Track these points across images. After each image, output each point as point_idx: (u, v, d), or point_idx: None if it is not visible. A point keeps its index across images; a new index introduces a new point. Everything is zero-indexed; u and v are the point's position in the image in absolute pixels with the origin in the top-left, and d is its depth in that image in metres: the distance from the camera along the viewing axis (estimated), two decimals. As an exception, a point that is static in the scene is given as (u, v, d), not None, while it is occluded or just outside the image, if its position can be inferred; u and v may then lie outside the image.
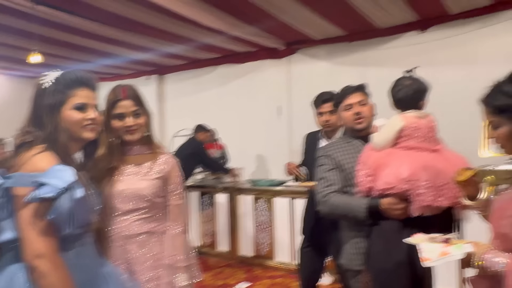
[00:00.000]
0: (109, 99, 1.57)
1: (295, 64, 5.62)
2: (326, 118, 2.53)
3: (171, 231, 1.57)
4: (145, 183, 1.53)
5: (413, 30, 4.61)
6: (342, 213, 1.77)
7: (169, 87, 7.19)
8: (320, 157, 1.95)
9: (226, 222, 4.58)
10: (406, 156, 1.65)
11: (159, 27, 4.66)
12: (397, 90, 1.75)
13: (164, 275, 1.51)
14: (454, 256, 1.15)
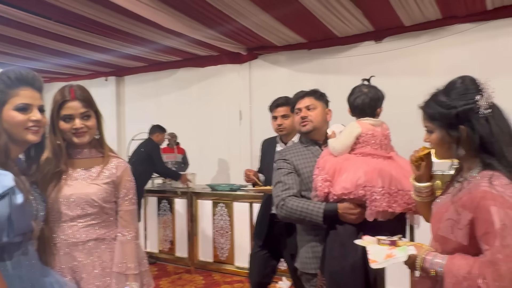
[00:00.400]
0: (56, 99, 1.48)
1: (256, 70, 5.66)
2: (279, 122, 2.54)
3: (121, 237, 1.51)
4: (94, 188, 1.47)
5: (369, 40, 4.79)
6: (299, 217, 1.78)
7: (128, 90, 7.01)
8: (277, 161, 1.97)
9: (185, 228, 4.51)
10: (362, 162, 1.70)
11: (118, 27, 4.54)
12: (355, 97, 1.80)
13: (114, 283, 1.45)
14: (398, 258, 1.19)
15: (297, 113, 1.97)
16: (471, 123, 1.14)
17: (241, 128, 5.72)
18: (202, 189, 4.60)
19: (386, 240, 1.34)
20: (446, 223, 1.16)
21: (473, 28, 4.25)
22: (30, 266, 1.23)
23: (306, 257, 1.87)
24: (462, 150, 1.16)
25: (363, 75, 1.91)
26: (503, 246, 1.02)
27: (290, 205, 1.79)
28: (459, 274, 1.07)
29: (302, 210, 1.75)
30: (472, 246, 1.11)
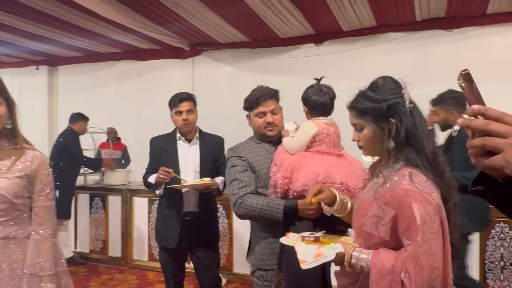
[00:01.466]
0: None
1: (199, 66, 5.59)
2: (185, 117, 2.47)
3: (35, 236, 1.41)
4: (4, 182, 1.35)
5: (310, 43, 4.92)
6: (259, 215, 1.77)
7: (61, 80, 6.59)
8: (231, 158, 1.93)
9: (119, 226, 4.34)
10: (319, 159, 1.75)
11: (52, 14, 4.24)
12: (318, 97, 1.83)
13: (25, 285, 1.34)
14: (327, 257, 1.20)
15: (260, 117, 1.92)
16: (399, 116, 1.20)
17: (182, 125, 5.62)
18: (138, 185, 4.45)
19: (310, 237, 1.37)
20: (370, 220, 1.20)
21: (404, 37, 4.54)
22: None
23: (262, 253, 1.87)
24: (392, 143, 1.21)
25: (304, 76, 1.96)
26: (424, 241, 1.08)
27: (249, 202, 1.78)
28: (384, 269, 1.11)
29: (262, 207, 1.76)
30: (393, 241, 1.17)
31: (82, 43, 5.46)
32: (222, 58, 5.46)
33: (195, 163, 2.52)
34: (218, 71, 5.46)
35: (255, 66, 5.23)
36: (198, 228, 2.47)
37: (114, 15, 4.21)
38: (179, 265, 2.59)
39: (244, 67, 5.31)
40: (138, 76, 5.97)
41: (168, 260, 2.56)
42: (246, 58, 5.30)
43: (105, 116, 5.84)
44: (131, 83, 6.02)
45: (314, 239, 1.36)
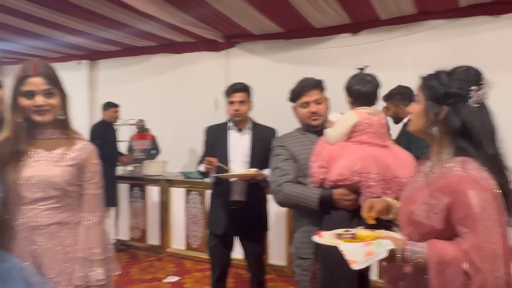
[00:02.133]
0: (17, 75, 1.41)
1: (233, 58, 5.61)
2: (237, 107, 2.52)
3: (86, 222, 1.47)
4: (57, 170, 1.41)
5: (346, 32, 4.82)
6: (295, 202, 1.82)
7: (101, 74, 6.82)
8: (275, 148, 2.00)
9: (157, 215, 4.47)
10: (358, 149, 1.73)
11: (92, 9, 4.38)
12: (361, 86, 1.81)
13: (78, 268, 1.41)
14: (380, 255, 1.15)
15: (304, 107, 1.96)
16: (455, 108, 1.16)
17: (216, 116, 5.67)
18: (175, 176, 4.56)
19: (347, 234, 1.32)
20: (421, 207, 1.17)
21: (446, 25, 4.35)
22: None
23: (301, 242, 1.89)
24: (436, 130, 1.18)
25: (340, 67, 1.94)
26: (484, 228, 1.04)
27: (286, 190, 1.83)
28: (444, 261, 1.07)
29: (298, 195, 1.80)
30: (446, 230, 1.12)
31: (120, 37, 5.60)
32: (257, 50, 5.46)
33: (245, 153, 2.55)
34: (252, 63, 5.46)
35: (289, 57, 5.19)
36: (244, 217, 2.52)
37: (150, 9, 4.29)
38: (225, 252, 2.64)
39: (278, 58, 5.28)
40: (173, 69, 6.08)
41: (215, 246, 2.62)
42: (281, 49, 5.26)
43: (142, 108, 6.01)
44: (166, 76, 6.13)
45: (351, 236, 1.32)
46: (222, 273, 2.67)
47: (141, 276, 3.80)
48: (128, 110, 5.78)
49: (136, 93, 6.30)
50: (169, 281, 3.68)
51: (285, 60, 5.24)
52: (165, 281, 3.67)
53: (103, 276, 1.45)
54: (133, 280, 3.70)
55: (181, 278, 3.74)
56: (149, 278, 3.76)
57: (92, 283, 1.42)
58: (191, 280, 3.70)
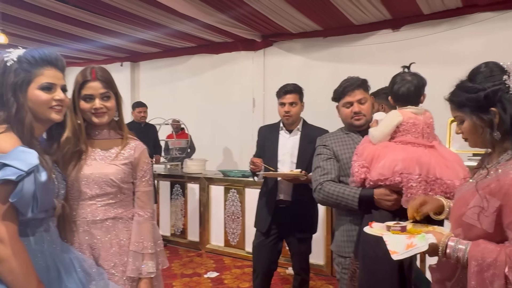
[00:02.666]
0: (77, 80, 1.50)
1: (271, 57, 5.64)
2: (287, 109, 2.53)
3: (138, 217, 1.54)
4: (112, 168, 1.49)
5: (387, 28, 4.71)
6: (335, 201, 1.82)
7: (142, 75, 7.06)
8: (317, 147, 2.01)
9: (197, 212, 4.57)
10: (401, 150, 1.70)
11: (134, 12, 4.55)
12: (400, 86, 1.77)
13: (130, 261, 1.48)
14: (419, 248, 1.16)
15: (347, 106, 1.95)
16: (502, 104, 1.12)
17: (254, 116, 5.73)
18: (214, 174, 4.64)
19: (396, 227, 1.33)
20: (472, 210, 1.14)
21: (494, 17, 4.15)
22: (51, 242, 1.27)
23: (341, 240, 1.90)
24: (498, 133, 1.14)
25: (380, 64, 1.92)
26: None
27: (327, 189, 1.84)
28: (484, 262, 1.05)
29: (338, 194, 1.80)
30: (497, 234, 1.09)
31: (161, 39, 5.78)
32: (294, 48, 5.45)
33: (293, 154, 2.57)
34: (289, 62, 5.46)
35: (327, 55, 5.15)
36: (291, 216, 2.54)
37: (190, 10, 4.39)
38: (269, 252, 2.63)
39: (316, 56, 5.25)
40: (211, 69, 6.19)
41: (259, 244, 2.66)
42: (318, 47, 5.23)
43: (182, 108, 6.16)
44: (205, 76, 6.25)
45: (401, 229, 1.32)
46: (266, 273, 2.67)
47: (182, 271, 3.91)
48: (168, 110, 5.95)
49: (176, 93, 6.47)
50: (209, 276, 3.76)
51: (322, 58, 5.20)
52: (205, 277, 3.75)
53: (154, 269, 1.52)
54: (175, 274, 3.81)
55: (220, 274, 3.81)
56: (190, 273, 3.86)
57: (143, 275, 1.49)
58: (230, 277, 3.76)
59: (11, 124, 1.17)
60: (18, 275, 1.09)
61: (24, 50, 1.22)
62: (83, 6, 4.43)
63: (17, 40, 5.55)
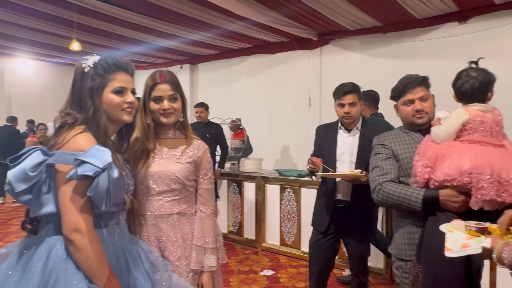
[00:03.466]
0: (148, 82, 1.62)
1: (327, 55, 5.56)
2: (347, 110, 2.46)
3: (200, 213, 1.62)
4: (178, 166, 1.58)
5: (452, 21, 4.45)
6: (396, 203, 1.74)
7: (201, 77, 7.30)
8: (375, 146, 1.95)
9: (253, 210, 4.64)
10: (469, 149, 1.61)
11: (191, 15, 4.72)
12: (463, 82, 1.68)
13: (194, 255, 1.57)
14: (473, 250, 1.15)
15: (408, 105, 1.87)
16: None
17: (310, 115, 5.69)
18: (270, 174, 4.68)
19: (473, 227, 1.28)
20: None
21: None
22: (121, 234, 1.37)
23: (402, 243, 1.83)
24: None
25: (444, 60, 1.83)
26: None
27: (387, 190, 1.77)
28: None
29: (400, 195, 1.72)
30: None
31: (218, 40, 5.94)
32: (351, 46, 5.33)
33: (352, 154, 2.52)
34: (347, 59, 5.35)
35: (387, 52, 4.97)
36: (349, 216, 2.50)
37: (246, 12, 4.47)
38: (326, 251, 2.61)
39: (374, 53, 5.09)
40: (267, 69, 6.24)
41: (316, 243, 2.64)
42: (377, 44, 5.07)
43: (238, 108, 6.28)
44: (261, 76, 6.32)
45: (477, 230, 1.26)
46: (322, 272, 2.65)
47: (239, 268, 3.99)
48: (225, 110, 6.10)
49: (233, 94, 6.60)
50: (265, 274, 3.80)
51: (381, 55, 5.03)
52: (261, 274, 3.80)
53: (215, 263, 1.59)
54: (232, 271, 3.90)
55: (276, 273, 3.84)
56: (246, 270, 3.92)
57: (205, 268, 1.57)
58: (286, 275, 3.77)
59: (88, 125, 1.27)
60: (94, 263, 1.18)
61: (98, 57, 1.32)
62: (146, 12, 4.69)
63: (90, 47, 6.00)
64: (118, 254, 1.31)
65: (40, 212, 1.21)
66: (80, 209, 1.18)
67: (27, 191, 1.17)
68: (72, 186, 1.17)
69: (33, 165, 1.15)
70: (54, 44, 6.43)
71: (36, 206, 1.20)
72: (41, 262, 1.16)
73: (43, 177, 1.19)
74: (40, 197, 1.20)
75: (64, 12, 4.71)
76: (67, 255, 1.18)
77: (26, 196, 1.19)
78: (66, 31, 5.41)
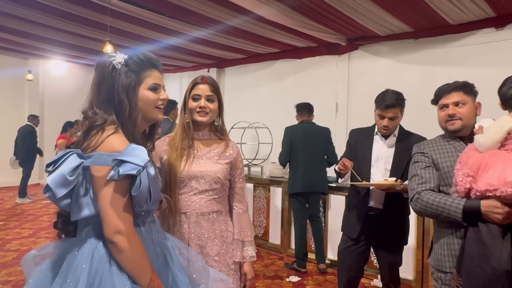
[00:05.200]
0: (191, 83, 1.72)
1: (356, 61, 5.50)
2: (386, 123, 2.38)
3: (237, 210, 1.73)
4: (218, 167, 1.65)
5: (488, 27, 4.32)
6: (435, 212, 1.70)
7: (228, 80, 7.35)
8: (415, 154, 1.92)
9: (279, 216, 4.61)
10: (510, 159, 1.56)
11: (219, 20, 4.76)
12: (508, 88, 1.65)
13: (236, 248, 1.68)
14: None
15: (443, 109, 1.85)
16: None
17: (337, 121, 5.63)
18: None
19: None
20: None
21: None
22: (157, 231, 1.37)
23: (441, 254, 1.79)
24: None
25: (479, 66, 1.79)
26: None
27: (426, 199, 1.73)
28: None
29: (439, 205, 1.68)
30: None
31: (246, 45, 5.97)
32: (381, 51, 5.25)
33: (387, 161, 2.45)
34: (376, 65, 5.27)
35: (418, 58, 4.87)
36: (381, 225, 2.44)
37: (277, 17, 4.47)
38: (356, 258, 2.56)
39: (405, 59, 5.00)
40: (294, 73, 6.22)
41: (346, 250, 2.59)
42: (408, 50, 4.97)
43: (265, 113, 6.28)
44: (288, 81, 6.31)
45: None
46: (351, 280, 2.60)
47: (265, 273, 3.97)
48: (252, 114, 6.11)
49: (259, 98, 6.61)
50: (290, 280, 3.76)
51: (412, 61, 4.93)
52: (287, 280, 3.76)
53: (254, 253, 1.74)
54: (257, 275, 3.87)
55: (302, 279, 3.79)
56: (272, 276, 3.89)
57: (247, 259, 1.72)
58: (312, 282, 3.72)
59: (124, 123, 1.25)
60: (137, 264, 1.18)
61: (123, 54, 1.29)
62: (176, 16, 4.76)
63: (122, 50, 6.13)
64: (158, 252, 1.32)
65: (80, 216, 1.20)
66: (121, 210, 1.18)
67: (67, 195, 1.17)
68: (112, 187, 1.16)
69: (71, 169, 1.14)
70: (86, 47, 6.62)
71: (76, 210, 1.20)
72: (86, 264, 1.15)
73: (80, 180, 1.18)
74: (78, 200, 1.19)
75: (98, 16, 4.84)
76: (110, 256, 1.18)
77: (66, 201, 1.19)
78: (99, 34, 5.56)
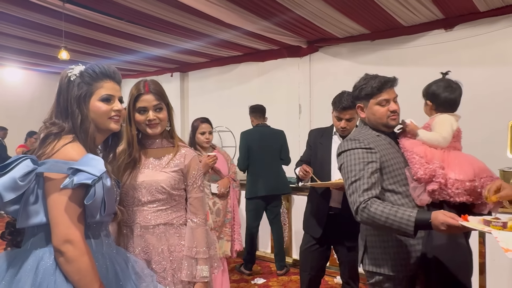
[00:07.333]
0: (132, 93, 1.60)
1: (316, 63, 5.60)
2: (344, 125, 2.45)
3: (191, 223, 1.59)
4: (163, 176, 1.56)
5: (438, 29, 4.52)
6: (384, 225, 1.51)
7: (191, 85, 7.29)
8: (355, 150, 1.67)
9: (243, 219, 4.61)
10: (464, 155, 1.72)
11: (183, 25, 4.73)
12: (449, 93, 1.77)
13: (185, 266, 1.53)
14: None
15: (383, 105, 1.73)
16: None
17: (301, 122, 5.71)
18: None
19: (498, 222, 1.27)
20: None
21: (560, 12, 3.85)
22: (109, 245, 1.34)
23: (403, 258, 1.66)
24: None
25: (430, 66, 1.88)
26: None
27: (373, 209, 1.52)
28: None
29: (388, 217, 1.50)
30: None
31: (208, 49, 5.94)
32: (340, 53, 5.38)
33: None
34: (336, 67, 5.39)
35: (375, 59, 5.02)
36: (340, 224, 2.49)
37: (235, 20, 4.49)
38: (318, 258, 2.62)
39: (363, 60, 5.14)
40: (257, 76, 6.26)
41: (307, 250, 2.64)
42: (366, 51, 5.12)
43: (229, 116, 6.27)
44: (251, 84, 6.33)
45: (503, 225, 1.25)
46: (314, 279, 2.65)
47: (230, 276, 3.95)
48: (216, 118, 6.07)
49: (223, 101, 6.60)
50: (256, 283, 3.77)
51: (370, 62, 5.08)
52: (252, 283, 3.77)
53: (208, 274, 1.56)
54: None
55: (267, 281, 3.81)
56: (237, 279, 3.89)
57: (197, 279, 1.54)
58: (277, 284, 3.75)
59: (77, 134, 1.24)
60: (85, 275, 1.14)
61: (83, 66, 1.30)
62: (135, 21, 4.68)
63: (78, 55, 5.96)
64: (108, 265, 1.29)
65: (28, 223, 1.17)
66: (72, 220, 1.15)
67: (15, 201, 1.14)
68: (65, 196, 1.14)
69: (23, 174, 1.12)
70: (42, 53, 6.37)
71: (23, 217, 1.16)
72: (29, 276, 1.12)
73: (31, 187, 1.15)
74: (27, 207, 1.16)
75: (52, 21, 4.68)
76: (56, 267, 1.15)
77: (13, 207, 1.15)
78: (54, 40, 5.37)
